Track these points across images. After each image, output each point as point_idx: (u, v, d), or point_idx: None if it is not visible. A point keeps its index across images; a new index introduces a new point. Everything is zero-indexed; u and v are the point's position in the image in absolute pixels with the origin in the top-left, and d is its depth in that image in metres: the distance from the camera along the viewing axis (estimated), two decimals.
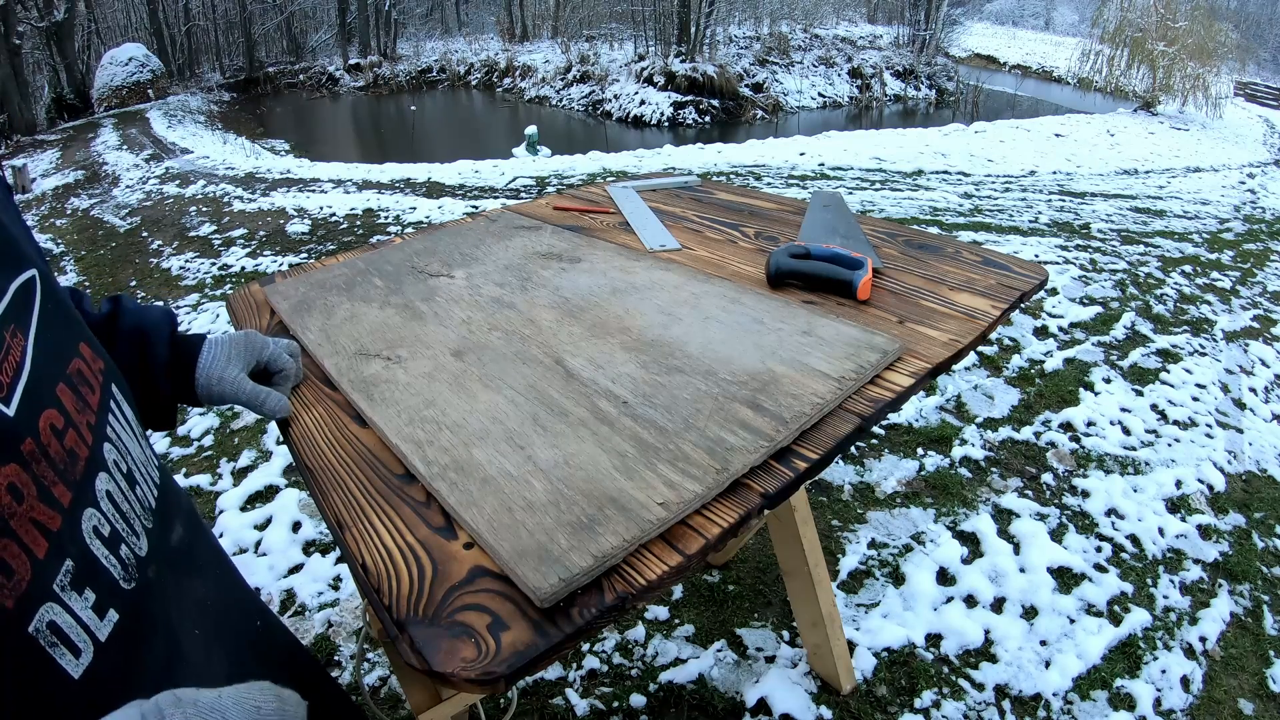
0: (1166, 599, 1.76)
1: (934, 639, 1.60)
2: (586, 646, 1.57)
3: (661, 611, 1.65)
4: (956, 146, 10.32)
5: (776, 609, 1.66)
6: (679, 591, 1.70)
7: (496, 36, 27.03)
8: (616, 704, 1.44)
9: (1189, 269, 4.24)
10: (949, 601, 1.70)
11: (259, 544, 1.90)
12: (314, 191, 6.56)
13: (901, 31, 22.93)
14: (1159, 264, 4.27)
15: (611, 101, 17.77)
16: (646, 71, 17.90)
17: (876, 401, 0.68)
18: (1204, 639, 1.66)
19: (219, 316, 3.54)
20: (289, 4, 23.55)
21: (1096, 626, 1.65)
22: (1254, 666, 1.61)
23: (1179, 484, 2.17)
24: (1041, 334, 3.09)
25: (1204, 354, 3.05)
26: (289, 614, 1.69)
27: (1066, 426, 2.41)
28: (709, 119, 16.75)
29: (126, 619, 0.36)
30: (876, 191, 6.54)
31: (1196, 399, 2.67)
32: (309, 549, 1.88)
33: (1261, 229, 5.77)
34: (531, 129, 10.57)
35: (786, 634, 1.59)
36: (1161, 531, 1.98)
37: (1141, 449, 2.33)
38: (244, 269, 4.36)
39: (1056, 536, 1.91)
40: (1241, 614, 1.75)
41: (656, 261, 1.01)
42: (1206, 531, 2.00)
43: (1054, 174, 8.78)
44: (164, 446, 2.41)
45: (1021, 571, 1.79)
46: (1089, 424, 2.43)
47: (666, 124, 16.37)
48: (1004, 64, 25.25)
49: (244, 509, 2.05)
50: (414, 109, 19.16)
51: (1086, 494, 2.08)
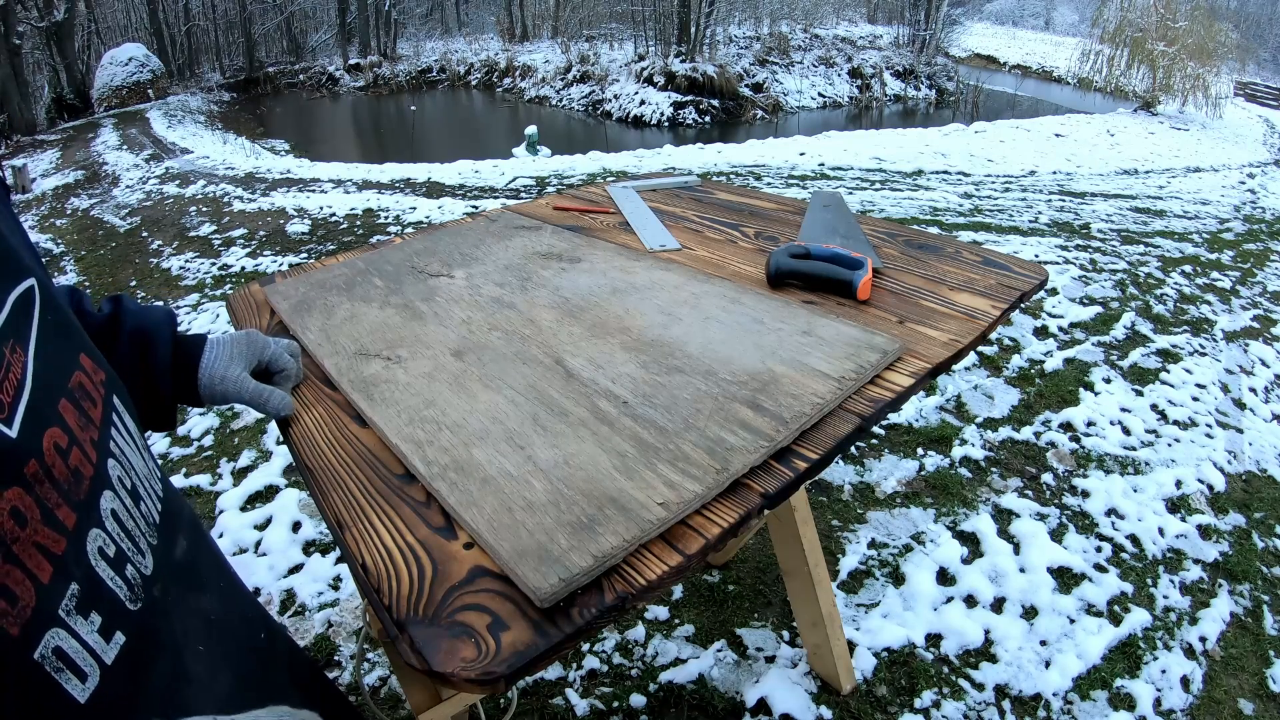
0: (1166, 599, 1.76)
1: (934, 639, 1.60)
2: (586, 646, 1.57)
3: (661, 611, 1.65)
4: (956, 146, 10.32)
5: (776, 609, 1.66)
6: (679, 591, 1.70)
7: (496, 36, 27.03)
8: (616, 704, 1.44)
9: (1189, 269, 4.24)
10: (949, 601, 1.70)
11: (259, 544, 1.90)
12: (314, 191, 6.55)
13: (901, 31, 22.93)
14: (1159, 264, 4.27)
15: (611, 101, 17.77)
16: (646, 71, 17.90)
17: (876, 401, 0.68)
18: (1204, 639, 1.66)
19: (219, 316, 3.54)
20: (289, 4, 23.55)
21: (1096, 626, 1.65)
22: (1254, 666, 1.61)
23: (1179, 484, 2.17)
24: (1041, 334, 3.09)
25: (1204, 354, 3.05)
26: (289, 614, 1.69)
27: (1066, 426, 2.41)
28: (709, 119, 16.75)
29: (133, 641, 0.36)
30: (876, 191, 6.54)
31: (1196, 399, 2.67)
32: (309, 549, 1.88)
33: (1261, 229, 5.77)
34: (531, 129, 10.57)
35: (786, 634, 1.59)
36: (1161, 531, 1.98)
37: (1141, 449, 2.33)
38: (244, 269, 4.36)
39: (1056, 536, 1.91)
40: (1241, 614, 1.75)
41: (656, 261, 1.01)
42: (1206, 531, 2.00)
43: (1054, 174, 8.78)
44: (164, 447, 2.41)
45: (1021, 571, 1.79)
46: (1089, 424, 2.43)
47: (666, 124, 16.37)
48: (1004, 64, 25.25)
49: (244, 509, 2.05)
50: (414, 109, 19.16)
51: (1086, 494, 2.08)
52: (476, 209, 5.44)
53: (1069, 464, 2.23)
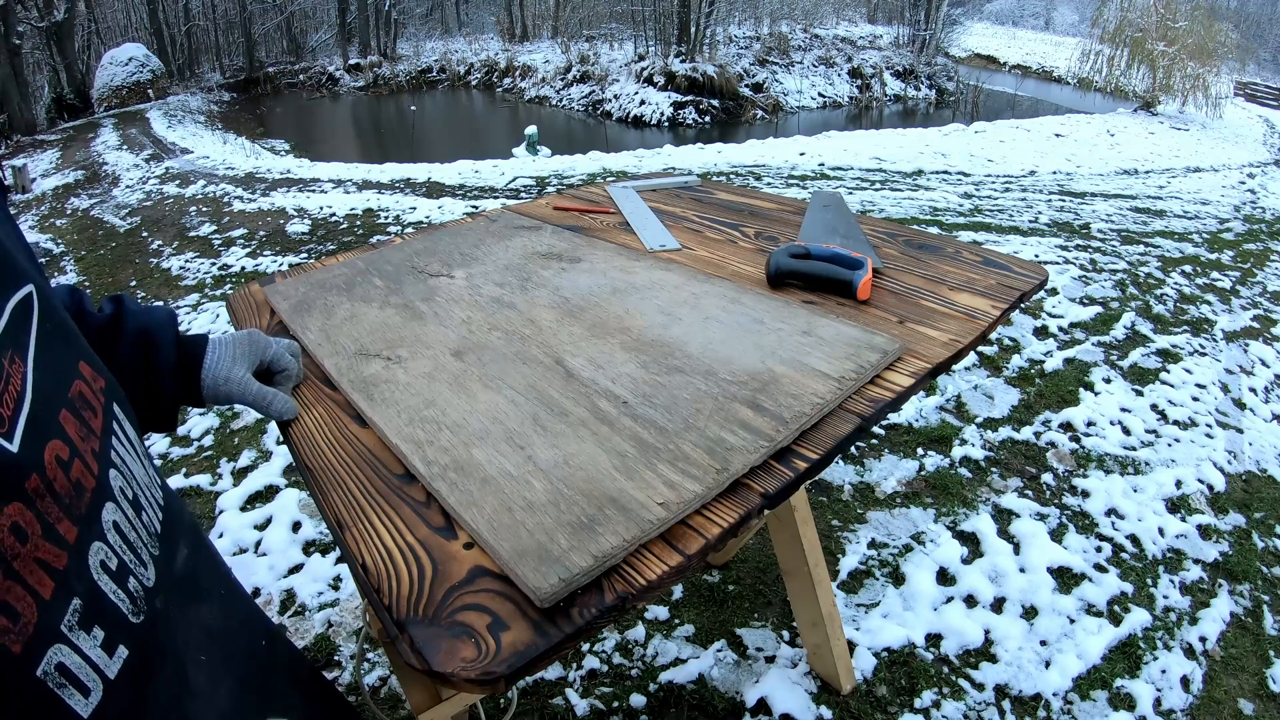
0: (1166, 599, 1.76)
1: (934, 639, 1.60)
2: (586, 646, 1.57)
3: (661, 611, 1.65)
4: (956, 146, 10.32)
5: (776, 609, 1.66)
6: (679, 591, 1.70)
7: (496, 36, 27.04)
8: (616, 704, 1.44)
9: (1189, 269, 4.24)
10: (949, 601, 1.70)
11: (259, 544, 1.90)
12: (314, 191, 6.55)
13: (901, 31, 22.93)
14: (1159, 264, 4.27)
15: (611, 101, 17.77)
16: (646, 71, 17.90)
17: (876, 401, 0.68)
18: (1204, 639, 1.66)
19: (219, 316, 3.54)
20: (289, 4, 23.55)
21: (1096, 626, 1.65)
22: (1254, 666, 1.61)
23: (1179, 484, 2.17)
24: (1041, 334, 3.09)
25: (1204, 354, 3.05)
26: (289, 614, 1.69)
27: (1066, 426, 2.41)
28: (709, 119, 16.75)
29: (135, 654, 0.35)
30: (876, 191, 6.54)
31: (1196, 399, 2.67)
32: (309, 549, 1.88)
33: (1261, 229, 5.77)
34: (531, 129, 10.57)
35: (786, 634, 1.59)
36: (1161, 531, 1.98)
37: (1141, 449, 2.33)
38: (244, 269, 4.35)
39: (1056, 536, 1.91)
40: (1241, 614, 1.75)
41: (656, 261, 1.01)
42: (1206, 531, 2.00)
43: (1054, 174, 8.77)
44: (164, 447, 2.41)
45: (1021, 571, 1.79)
46: (1089, 424, 2.43)
47: (666, 124, 16.37)
48: (1004, 64, 25.25)
49: (244, 509, 2.05)
50: (414, 109, 19.16)
51: (1086, 494, 2.08)
52: (476, 209, 5.44)
53: (1069, 464, 2.23)
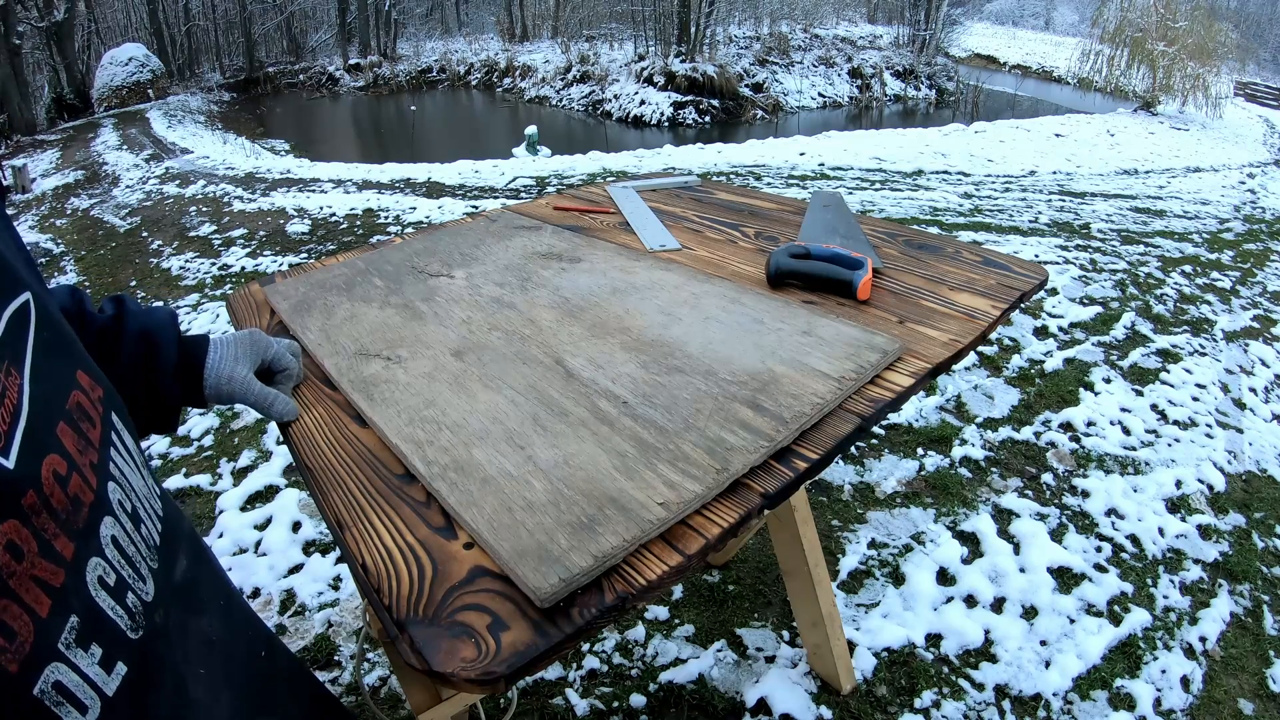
0: (1166, 599, 1.76)
1: (934, 639, 1.60)
2: (586, 646, 1.57)
3: (661, 611, 1.65)
4: (956, 146, 10.32)
5: (776, 609, 1.66)
6: (679, 591, 1.70)
7: (496, 36, 27.04)
8: (616, 704, 1.44)
9: (1189, 269, 4.24)
10: (949, 601, 1.70)
11: (259, 544, 1.90)
12: (314, 191, 6.55)
13: (901, 31, 22.93)
14: (1159, 264, 4.27)
15: (611, 101, 17.77)
16: (646, 71, 17.90)
17: (876, 401, 0.68)
18: (1204, 639, 1.66)
19: (219, 316, 3.54)
20: (289, 4, 23.55)
21: (1096, 626, 1.65)
22: (1254, 666, 1.61)
23: (1179, 484, 2.17)
24: (1041, 334, 3.09)
25: (1204, 354, 3.05)
26: (289, 614, 1.69)
27: (1066, 426, 2.41)
28: (709, 119, 16.76)
29: (134, 670, 0.35)
30: (876, 191, 6.54)
31: (1196, 399, 2.67)
32: (309, 549, 1.88)
33: (1261, 229, 5.77)
34: (531, 129, 10.57)
35: (786, 634, 1.59)
36: (1161, 531, 1.98)
37: (1141, 449, 2.33)
38: (244, 269, 4.35)
39: (1056, 536, 1.91)
40: (1241, 614, 1.75)
41: (656, 261, 1.01)
42: (1206, 531, 2.00)
43: (1054, 174, 8.77)
44: (164, 447, 2.41)
45: (1021, 571, 1.79)
46: (1089, 424, 2.43)
47: (666, 124, 16.37)
48: (1004, 64, 25.25)
49: (244, 509, 2.05)
50: (414, 109, 19.16)
51: (1086, 494, 2.08)
52: (476, 209, 5.44)
53: (1069, 464, 2.23)
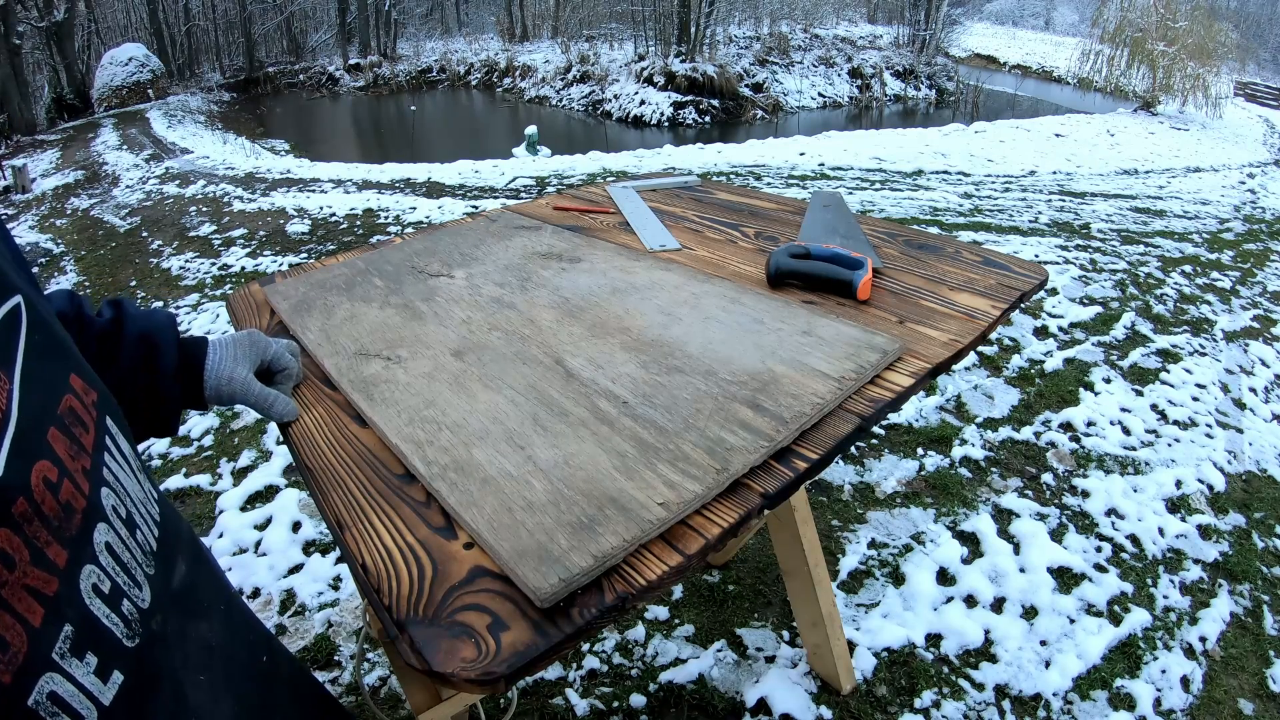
0: (1166, 599, 1.76)
1: (934, 639, 1.60)
2: (586, 646, 1.57)
3: (661, 611, 1.65)
4: (956, 146, 10.32)
5: (776, 609, 1.66)
6: (679, 591, 1.70)
7: (496, 36, 27.04)
8: (616, 704, 1.44)
9: (1189, 269, 4.24)
10: (949, 601, 1.70)
11: (259, 544, 1.90)
12: (314, 191, 6.56)
13: (901, 31, 22.93)
14: (1159, 264, 4.27)
15: (611, 101, 17.77)
16: (646, 71, 17.90)
17: (876, 401, 0.68)
18: (1204, 639, 1.66)
19: (219, 316, 3.54)
20: (289, 4, 23.55)
21: (1096, 626, 1.65)
22: (1254, 666, 1.61)
23: (1179, 484, 2.17)
24: (1041, 334, 3.09)
25: (1204, 354, 3.05)
26: (289, 614, 1.69)
27: (1066, 426, 2.41)
28: (709, 119, 16.76)
29: (131, 679, 0.34)
30: (876, 191, 6.54)
31: (1196, 399, 2.67)
32: (309, 549, 1.88)
33: (1261, 229, 5.77)
34: (531, 129, 10.57)
35: (786, 634, 1.59)
36: (1161, 531, 1.98)
37: (1141, 449, 2.33)
38: (244, 269, 4.35)
39: (1056, 536, 1.91)
40: (1241, 614, 1.75)
41: (656, 261, 1.01)
42: (1206, 531, 2.00)
43: (1054, 174, 8.77)
44: (164, 446, 2.41)
45: (1021, 571, 1.79)
46: (1089, 424, 2.43)
47: (666, 124, 16.37)
48: (1004, 64, 25.25)
49: (244, 509, 2.05)
50: (414, 109, 19.17)
51: (1086, 494, 2.08)
52: (476, 209, 5.44)
53: (1069, 464, 2.23)
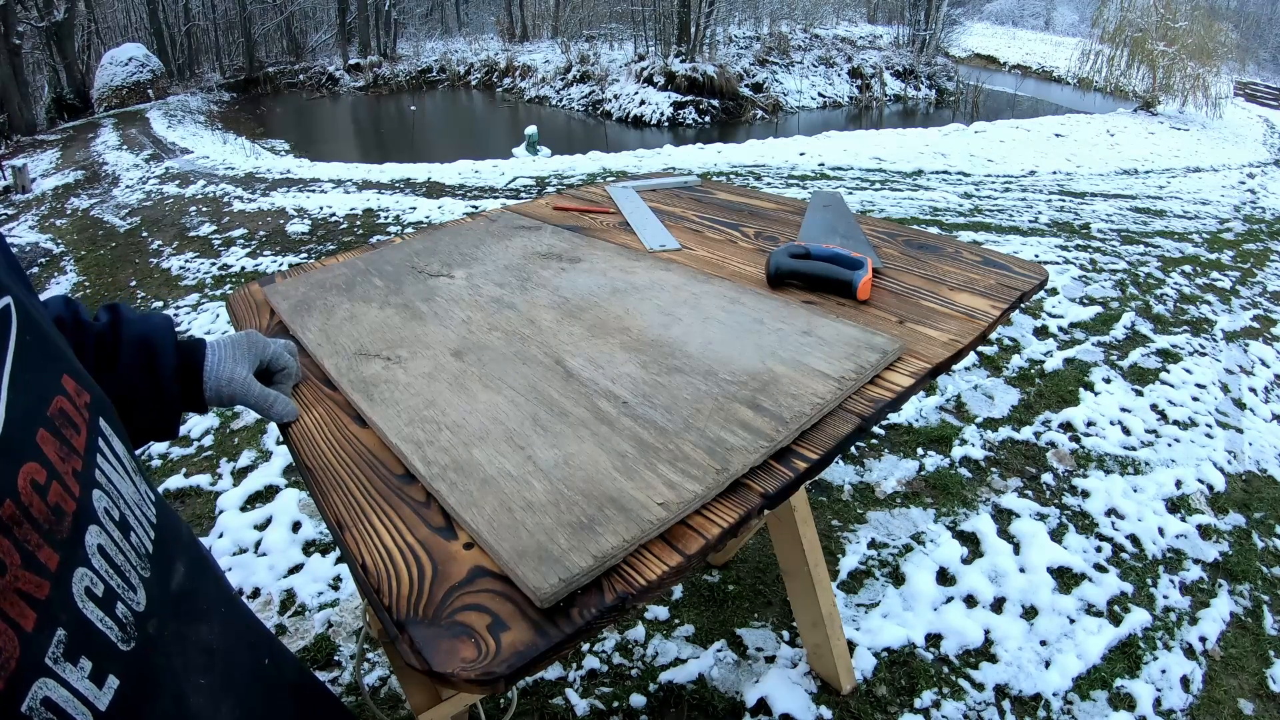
0: (1166, 599, 1.76)
1: (934, 639, 1.60)
2: (586, 646, 1.57)
3: (661, 611, 1.65)
4: (956, 146, 10.32)
5: (776, 609, 1.66)
6: (679, 591, 1.70)
7: (496, 36, 27.04)
8: (616, 704, 1.44)
9: (1189, 269, 4.24)
10: (949, 601, 1.70)
11: (259, 544, 1.90)
12: (314, 191, 6.56)
13: (901, 31, 22.94)
14: (1159, 264, 4.27)
15: (611, 101, 17.77)
16: (646, 71, 17.89)
17: (876, 401, 0.68)
18: (1204, 639, 1.66)
19: (219, 316, 3.54)
20: (289, 4, 23.55)
21: (1096, 626, 1.65)
22: (1254, 666, 1.61)
23: (1179, 484, 2.17)
24: (1041, 334, 3.09)
25: (1204, 354, 3.05)
26: (289, 614, 1.69)
27: (1066, 426, 2.41)
28: (709, 119, 16.75)
29: (127, 683, 0.34)
30: (876, 191, 6.54)
31: (1196, 399, 2.67)
32: (309, 549, 1.88)
33: (1261, 229, 5.77)
34: (531, 129, 10.57)
35: (786, 634, 1.59)
36: (1161, 531, 1.98)
37: (1141, 449, 2.33)
38: (244, 269, 4.35)
39: (1056, 536, 1.91)
40: (1241, 614, 1.75)
41: (656, 261, 1.01)
42: (1206, 531, 2.00)
43: (1054, 174, 8.78)
44: (164, 446, 2.41)
45: (1021, 571, 1.79)
46: (1089, 424, 2.43)
47: (666, 124, 16.37)
48: (1004, 64, 25.25)
49: (244, 509, 2.05)
50: (414, 109, 19.17)
51: (1086, 494, 2.08)
52: (476, 209, 5.44)
53: (1069, 464, 2.23)
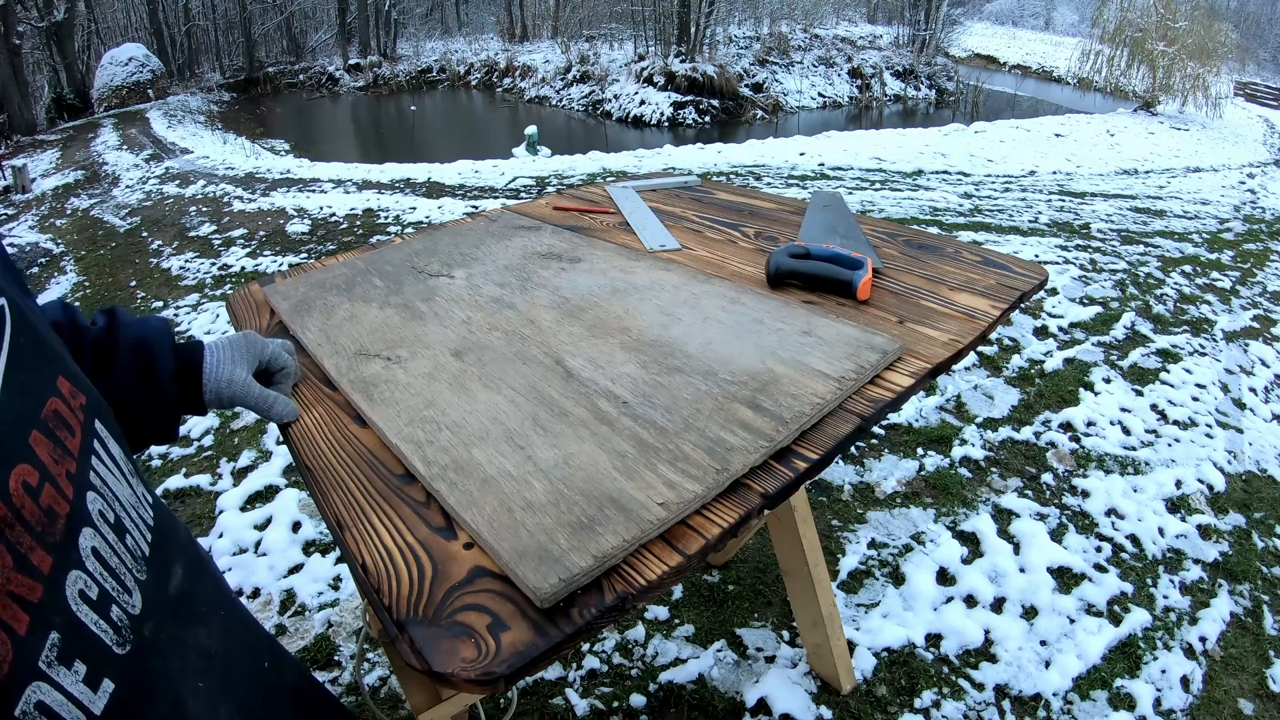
0: (1166, 599, 1.76)
1: (934, 639, 1.60)
2: (586, 646, 1.57)
3: (661, 611, 1.65)
4: (956, 146, 10.32)
5: (776, 609, 1.66)
6: (679, 591, 1.70)
7: (496, 36, 27.04)
8: (616, 704, 1.44)
9: (1189, 269, 4.24)
10: (949, 601, 1.70)
11: (259, 544, 1.90)
12: (314, 191, 6.55)
13: (901, 31, 22.94)
14: (1159, 264, 4.27)
15: (611, 101, 17.77)
16: (646, 71, 17.89)
17: (876, 401, 0.68)
18: (1204, 639, 1.66)
19: (219, 316, 3.54)
20: (289, 4, 23.55)
21: (1096, 626, 1.65)
22: (1254, 666, 1.61)
23: (1179, 484, 2.17)
24: (1041, 334, 3.09)
25: (1204, 354, 3.05)
26: (289, 614, 1.69)
27: (1066, 426, 2.41)
28: (709, 119, 16.75)
29: (123, 687, 0.33)
30: (876, 191, 6.54)
31: (1196, 399, 2.67)
32: (309, 549, 1.88)
33: (1261, 229, 5.77)
34: (531, 129, 10.57)
35: (786, 634, 1.59)
36: (1161, 531, 1.98)
37: (1141, 449, 2.33)
38: (244, 269, 4.35)
39: (1056, 536, 1.91)
40: (1241, 614, 1.75)
41: (656, 261, 1.01)
42: (1206, 531, 2.00)
43: (1054, 174, 8.78)
44: (163, 447, 2.41)
45: (1021, 571, 1.79)
46: (1089, 424, 2.43)
47: (666, 124, 16.37)
48: (1004, 64, 25.25)
49: (244, 509, 2.05)
50: (414, 109, 19.17)
51: (1086, 494, 2.08)
52: (476, 209, 5.44)
53: (1069, 464, 2.23)
